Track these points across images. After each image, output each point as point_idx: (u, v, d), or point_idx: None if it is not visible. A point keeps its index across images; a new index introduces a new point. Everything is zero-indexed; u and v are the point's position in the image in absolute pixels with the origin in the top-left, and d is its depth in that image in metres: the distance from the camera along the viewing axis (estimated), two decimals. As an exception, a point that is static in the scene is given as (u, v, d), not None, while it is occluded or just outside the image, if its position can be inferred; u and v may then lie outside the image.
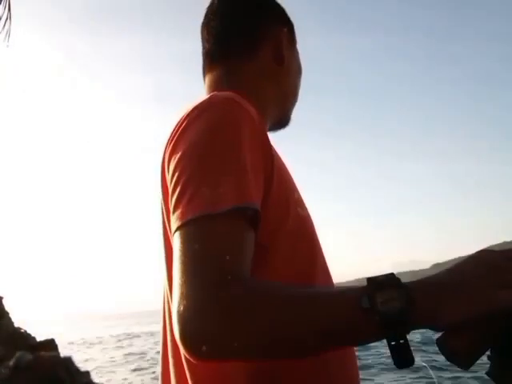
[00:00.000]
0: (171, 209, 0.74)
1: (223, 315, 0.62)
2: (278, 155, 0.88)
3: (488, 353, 0.65)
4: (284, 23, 1.06)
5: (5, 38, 4.72)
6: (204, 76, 1.05)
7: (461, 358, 0.61)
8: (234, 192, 0.71)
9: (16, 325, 9.07)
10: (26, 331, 8.92)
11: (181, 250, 0.68)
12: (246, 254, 0.69)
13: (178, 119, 0.85)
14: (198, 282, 0.64)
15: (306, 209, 0.92)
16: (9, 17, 4.74)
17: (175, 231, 0.71)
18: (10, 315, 9.17)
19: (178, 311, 0.63)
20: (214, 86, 1.00)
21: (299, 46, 1.13)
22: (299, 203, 0.90)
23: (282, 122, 1.10)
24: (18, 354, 6.93)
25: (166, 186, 0.80)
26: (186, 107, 0.87)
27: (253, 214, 0.72)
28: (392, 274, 0.64)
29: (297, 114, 1.12)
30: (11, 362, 6.78)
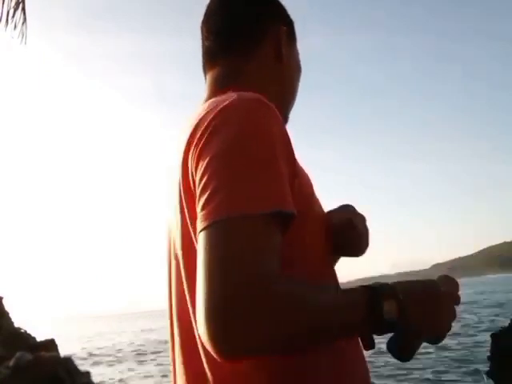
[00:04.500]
0: (199, 206, 0.73)
1: (252, 312, 0.62)
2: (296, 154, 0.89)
3: (488, 353, 0.66)
4: (283, 21, 1.06)
5: (22, 40, 4.98)
6: (205, 74, 1.05)
7: (404, 355, 0.76)
8: (271, 194, 0.72)
9: (16, 325, 9.08)
10: (26, 331, 8.93)
11: (212, 247, 0.68)
12: (276, 256, 0.70)
13: (197, 119, 0.84)
14: (227, 279, 0.64)
15: (322, 208, 0.95)
16: (24, 20, 4.97)
17: (203, 229, 0.70)
18: (10, 315, 9.18)
19: (206, 309, 0.63)
20: (216, 85, 0.99)
21: (298, 45, 1.12)
22: (316, 200, 0.93)
23: (284, 120, 1.06)
24: (17, 354, 6.94)
25: (188, 187, 0.79)
26: (204, 107, 0.87)
27: (286, 218, 0.73)
28: (393, 284, 0.76)
29: (297, 112, 1.12)
30: (11, 362, 6.79)
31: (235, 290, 0.63)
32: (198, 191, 0.75)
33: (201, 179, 0.75)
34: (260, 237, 0.69)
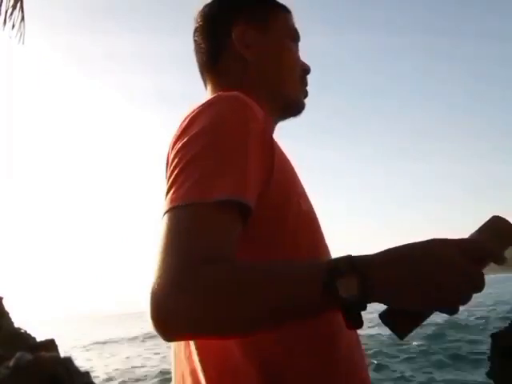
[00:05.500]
0: (165, 193, 0.77)
1: (197, 292, 0.65)
2: (280, 151, 0.91)
3: (488, 354, 0.65)
4: (242, 15, 1.04)
5: (20, 40, 5.01)
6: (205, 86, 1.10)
7: (398, 331, 0.68)
8: (231, 184, 0.73)
9: (16, 325, 9.08)
10: (26, 331, 8.93)
11: (166, 231, 0.71)
12: (229, 242, 0.72)
13: (183, 117, 0.88)
14: (176, 261, 0.67)
15: (309, 202, 0.94)
16: (22, 19, 5.00)
17: (165, 213, 0.73)
18: (10, 315, 9.18)
19: (153, 288, 0.66)
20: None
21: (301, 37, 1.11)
22: (301, 196, 0.92)
23: (289, 107, 1.07)
24: (17, 354, 6.93)
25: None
26: (192, 106, 0.90)
27: (244, 209, 0.74)
28: (349, 256, 0.67)
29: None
30: (11, 362, 6.78)
31: (166, 273, 0.66)
32: (167, 175, 0.81)
33: (171, 164, 0.80)
34: (206, 222, 0.71)
